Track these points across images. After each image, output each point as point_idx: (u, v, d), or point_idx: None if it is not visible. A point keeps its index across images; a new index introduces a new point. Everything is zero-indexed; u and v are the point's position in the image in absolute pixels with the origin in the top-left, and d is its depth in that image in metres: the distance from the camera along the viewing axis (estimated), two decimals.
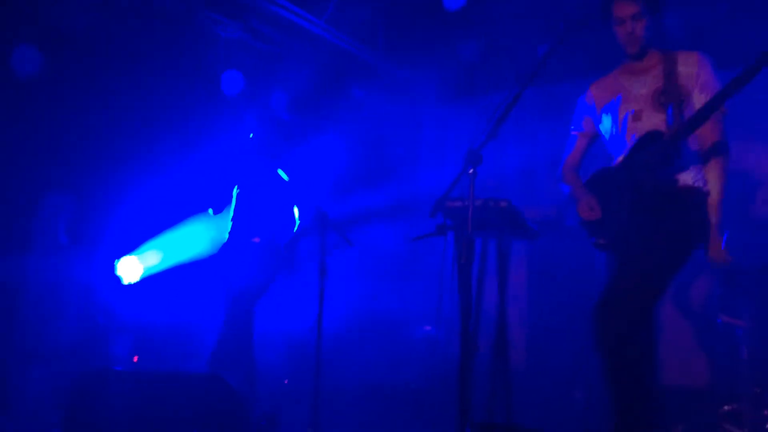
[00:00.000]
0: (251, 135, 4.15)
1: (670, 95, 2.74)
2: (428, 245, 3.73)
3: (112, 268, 4.82)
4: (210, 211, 4.15)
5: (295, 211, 4.20)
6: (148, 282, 5.03)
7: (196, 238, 5.18)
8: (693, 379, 4.39)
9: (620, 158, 2.88)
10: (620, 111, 2.89)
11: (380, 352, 5.08)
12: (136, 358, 4.82)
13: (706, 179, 2.74)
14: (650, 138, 2.75)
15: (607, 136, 3.00)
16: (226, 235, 4.17)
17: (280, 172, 4.21)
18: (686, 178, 2.73)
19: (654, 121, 2.78)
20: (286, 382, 5.41)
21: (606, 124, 2.97)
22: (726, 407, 4.01)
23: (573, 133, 3.18)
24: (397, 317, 5.37)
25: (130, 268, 4.89)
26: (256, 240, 4.05)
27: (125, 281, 4.88)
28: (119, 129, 4.79)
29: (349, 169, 5.58)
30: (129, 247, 4.97)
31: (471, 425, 1.85)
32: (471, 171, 2.58)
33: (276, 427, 3.43)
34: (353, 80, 5.82)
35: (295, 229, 4.16)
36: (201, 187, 4.73)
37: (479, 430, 1.85)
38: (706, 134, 2.74)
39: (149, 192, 4.99)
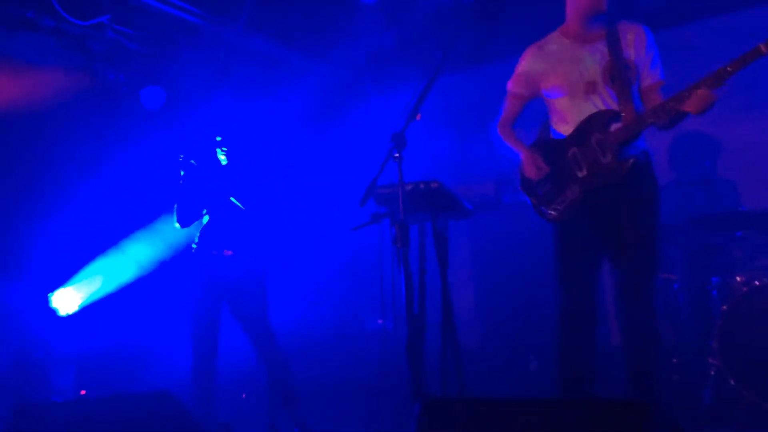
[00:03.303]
0: (217, 138, 3.90)
1: (621, 72, 2.78)
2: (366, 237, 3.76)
3: (46, 300, 4.63)
4: (177, 225, 3.94)
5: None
6: (89, 309, 4.85)
7: (134, 257, 5.03)
8: None
9: (567, 130, 2.89)
10: (571, 79, 2.88)
11: (334, 351, 5.06)
12: (83, 392, 4.64)
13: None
14: (605, 116, 2.79)
15: (552, 102, 2.98)
16: (193, 246, 3.92)
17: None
18: (637, 145, 2.82)
19: (608, 96, 2.82)
20: (244, 396, 5.33)
21: (554, 88, 2.94)
22: (674, 360, 4.16)
23: (510, 93, 3.12)
24: (346, 313, 5.37)
25: (66, 300, 4.70)
26: (228, 253, 3.88)
27: (62, 313, 4.69)
28: (32, 152, 4.60)
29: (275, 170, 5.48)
30: (62, 275, 4.78)
31: (422, 401, 1.86)
32: (397, 155, 2.58)
33: None
34: (276, 79, 5.75)
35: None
36: (159, 198, 4.53)
37: (429, 405, 1.86)
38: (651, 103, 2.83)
39: (77, 213, 4.82)
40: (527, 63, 3.04)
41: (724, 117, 4.62)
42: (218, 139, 3.89)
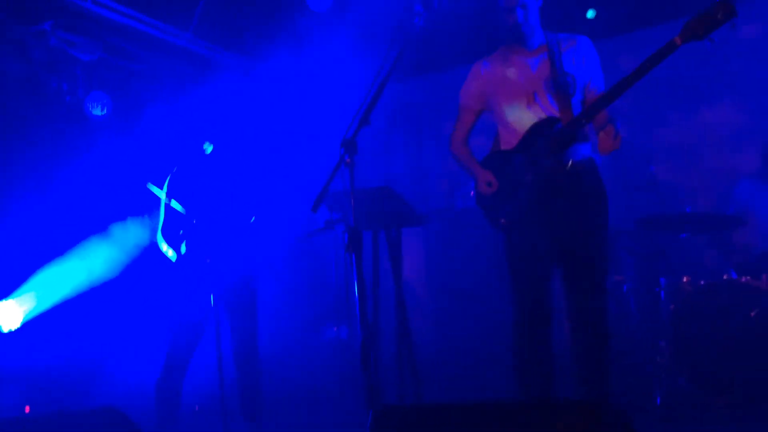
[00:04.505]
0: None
1: (561, 83, 2.89)
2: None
3: None
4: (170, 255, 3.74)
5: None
6: (35, 323, 4.66)
7: (82, 268, 4.87)
8: None
9: (513, 140, 2.98)
10: (514, 91, 2.99)
11: (290, 361, 4.99)
12: (27, 408, 4.47)
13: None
14: (547, 123, 2.88)
15: (499, 114, 3.08)
16: (177, 252, 3.68)
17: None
18: (581, 151, 2.91)
19: (549, 106, 2.91)
20: (197, 408, 5.21)
21: (498, 102, 3.05)
22: (624, 360, 4.22)
23: (461, 106, 3.23)
24: (302, 322, 5.30)
25: (8, 315, 4.52)
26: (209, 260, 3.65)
27: (4, 329, 4.50)
28: None
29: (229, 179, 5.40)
30: (3, 289, 4.59)
31: (375, 409, 1.83)
32: (348, 160, 2.56)
33: None
34: (226, 88, 5.69)
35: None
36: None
37: (383, 413, 1.83)
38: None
39: (18, 224, 4.64)
40: (475, 77, 3.16)
41: (665, 123, 4.79)
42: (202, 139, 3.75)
